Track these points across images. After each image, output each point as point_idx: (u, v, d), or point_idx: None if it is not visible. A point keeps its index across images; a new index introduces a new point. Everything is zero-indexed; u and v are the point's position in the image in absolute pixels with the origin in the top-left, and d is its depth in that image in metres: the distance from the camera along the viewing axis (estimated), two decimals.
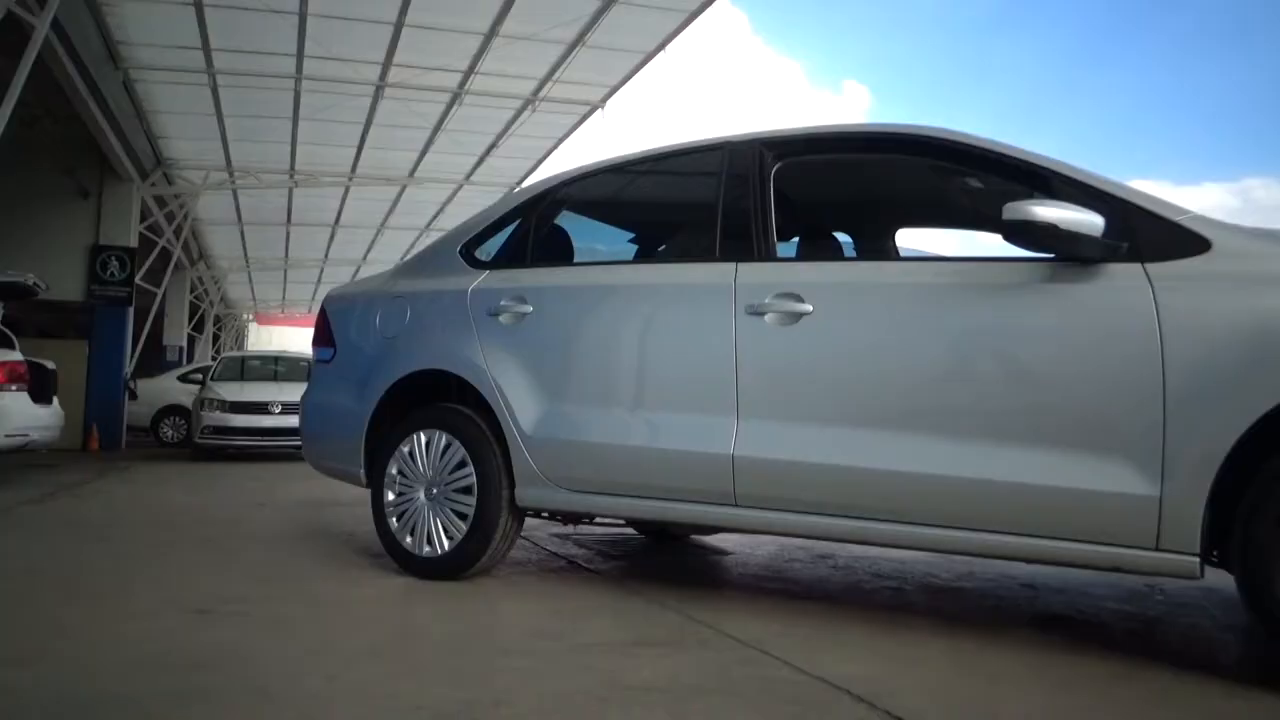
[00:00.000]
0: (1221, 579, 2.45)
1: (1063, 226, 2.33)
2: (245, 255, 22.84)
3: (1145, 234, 2.39)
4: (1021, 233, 2.39)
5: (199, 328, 25.66)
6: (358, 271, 22.33)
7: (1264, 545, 2.12)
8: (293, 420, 8.93)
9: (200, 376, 13.66)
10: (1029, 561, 2.63)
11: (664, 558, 4.20)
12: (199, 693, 2.12)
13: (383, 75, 11.32)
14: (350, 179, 15.45)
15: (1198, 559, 2.22)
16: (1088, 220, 2.34)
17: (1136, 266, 2.37)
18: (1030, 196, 2.44)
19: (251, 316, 36.80)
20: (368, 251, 21.97)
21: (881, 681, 2.22)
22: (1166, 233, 2.38)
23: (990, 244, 3.04)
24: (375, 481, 3.65)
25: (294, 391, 9.86)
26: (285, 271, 25.42)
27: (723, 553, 4.32)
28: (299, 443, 4.39)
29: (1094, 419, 2.36)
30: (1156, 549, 2.25)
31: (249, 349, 30.49)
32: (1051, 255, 2.47)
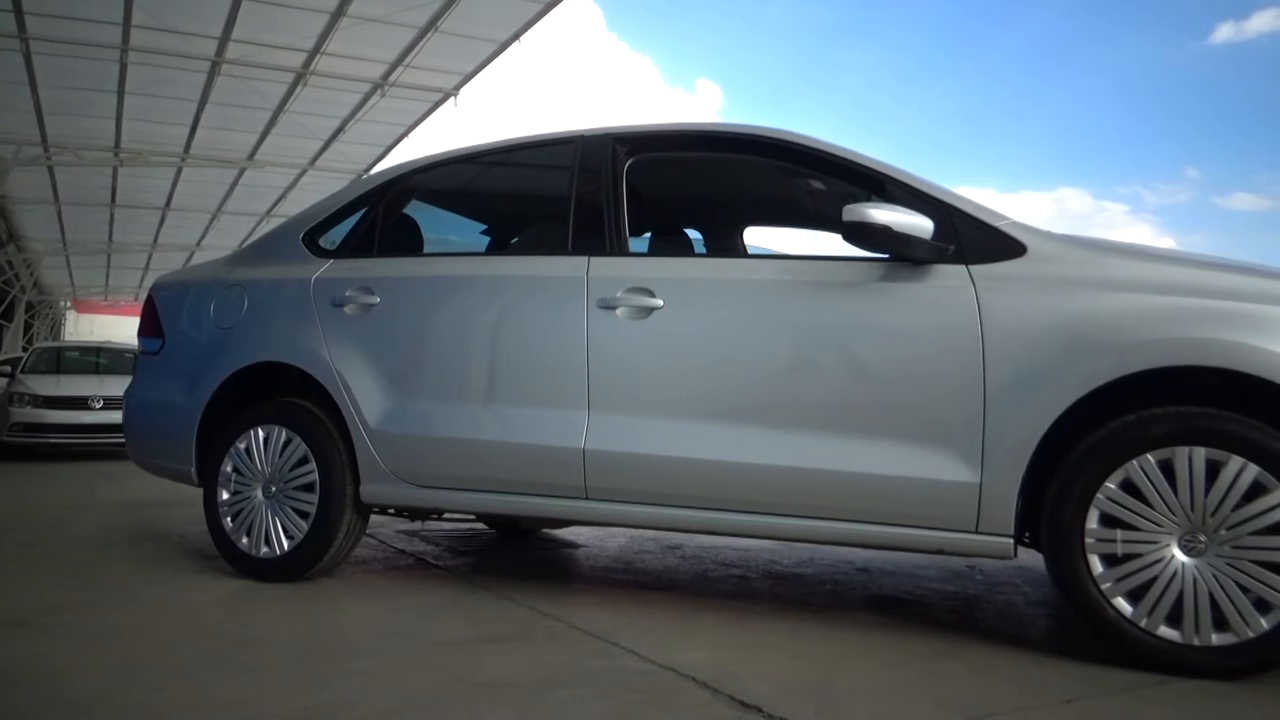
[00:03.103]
0: (1032, 559, 2.66)
1: (896, 229, 2.47)
2: (63, 238, 21.25)
3: (969, 237, 2.56)
4: (859, 234, 2.52)
5: (8, 315, 23.65)
6: (190, 258, 21.21)
7: (1067, 528, 2.32)
8: (116, 416, 8.35)
9: (9, 369, 12.57)
10: (865, 547, 2.77)
11: (514, 553, 4.18)
12: (8, 711, 1.97)
13: (220, 50, 10.74)
14: (183, 159, 14.59)
15: (1012, 540, 2.41)
16: (918, 224, 2.49)
17: (961, 268, 2.53)
18: (868, 199, 2.59)
19: (70, 304, 34.26)
20: (202, 237, 20.86)
21: (725, 667, 2.30)
22: (988, 237, 2.55)
23: (832, 243, 3.17)
24: (208, 480, 3.47)
25: (117, 385, 9.23)
26: (109, 256, 23.78)
27: (574, 546, 4.34)
28: (123, 440, 4.12)
29: (923, 410, 2.51)
30: (976, 532, 2.43)
31: (67, 339, 28.37)
32: (886, 255, 2.61)
